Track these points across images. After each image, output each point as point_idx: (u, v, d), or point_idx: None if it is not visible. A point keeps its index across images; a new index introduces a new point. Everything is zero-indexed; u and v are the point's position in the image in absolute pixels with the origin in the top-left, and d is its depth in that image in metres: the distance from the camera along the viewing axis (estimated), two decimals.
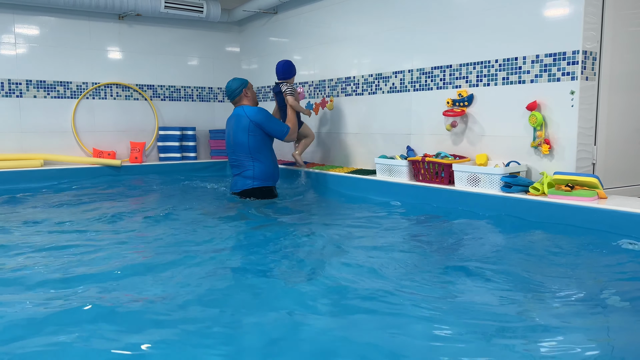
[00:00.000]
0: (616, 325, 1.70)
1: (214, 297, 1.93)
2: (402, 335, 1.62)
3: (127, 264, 2.32)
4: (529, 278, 2.11)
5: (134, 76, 5.78)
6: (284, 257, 2.49)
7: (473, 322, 1.67)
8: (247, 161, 4.07)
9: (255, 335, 1.62)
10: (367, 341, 1.57)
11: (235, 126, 4.09)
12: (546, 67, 3.20)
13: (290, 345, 1.56)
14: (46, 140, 5.32)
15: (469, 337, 1.57)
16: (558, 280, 2.09)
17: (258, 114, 4.06)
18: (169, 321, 1.70)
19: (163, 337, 1.59)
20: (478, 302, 1.85)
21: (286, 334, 1.62)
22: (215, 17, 5.83)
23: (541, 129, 3.22)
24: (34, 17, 5.19)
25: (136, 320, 1.70)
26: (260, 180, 4.08)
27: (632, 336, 1.61)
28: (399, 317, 1.74)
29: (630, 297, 1.88)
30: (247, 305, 1.86)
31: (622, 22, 3.22)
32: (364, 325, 1.68)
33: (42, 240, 2.77)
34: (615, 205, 2.69)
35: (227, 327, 1.68)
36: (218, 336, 1.61)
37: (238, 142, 4.07)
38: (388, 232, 2.99)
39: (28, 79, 5.21)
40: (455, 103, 3.72)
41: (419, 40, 4.03)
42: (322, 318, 1.74)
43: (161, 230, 3.03)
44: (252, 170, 4.07)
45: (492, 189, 3.23)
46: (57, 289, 1.99)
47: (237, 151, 4.10)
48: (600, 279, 2.12)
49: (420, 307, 1.80)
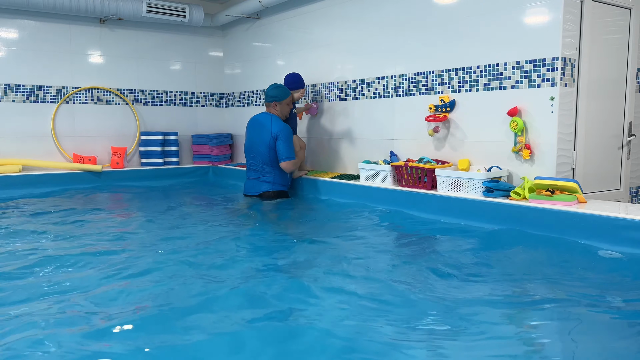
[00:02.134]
0: (594, 328, 1.72)
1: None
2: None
3: (111, 273, 2.29)
4: (510, 281, 2.13)
5: (116, 80, 5.72)
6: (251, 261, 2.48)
7: (452, 327, 1.68)
8: (268, 169, 4.29)
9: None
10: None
11: (258, 136, 4.30)
12: (526, 73, 3.24)
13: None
14: (25, 146, 5.23)
15: (445, 334, 1.58)
16: (537, 283, 2.11)
17: (280, 131, 4.21)
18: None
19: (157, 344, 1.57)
20: (462, 304, 1.86)
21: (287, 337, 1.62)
22: (198, 21, 5.81)
23: (522, 135, 3.26)
24: (13, 20, 5.11)
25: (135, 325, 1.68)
26: (279, 185, 4.32)
27: (601, 340, 1.63)
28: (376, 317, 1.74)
29: (612, 301, 1.91)
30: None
31: (600, 29, 3.28)
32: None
33: (22, 247, 2.72)
34: (595, 210, 2.73)
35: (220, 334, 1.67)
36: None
37: (259, 152, 4.28)
38: (370, 237, 3.00)
39: (6, 82, 5.12)
40: (437, 108, 3.75)
41: (401, 46, 4.06)
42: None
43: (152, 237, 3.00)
44: (272, 177, 4.29)
45: (474, 193, 3.26)
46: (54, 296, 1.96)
47: (257, 159, 4.30)
48: (578, 283, 2.14)
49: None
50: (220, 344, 1.57)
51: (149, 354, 1.50)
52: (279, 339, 1.61)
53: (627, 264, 2.34)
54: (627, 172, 3.59)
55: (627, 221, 2.54)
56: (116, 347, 1.54)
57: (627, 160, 3.58)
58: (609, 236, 2.59)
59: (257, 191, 4.32)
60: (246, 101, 6.03)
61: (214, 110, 6.42)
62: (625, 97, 3.52)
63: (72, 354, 1.49)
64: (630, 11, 3.45)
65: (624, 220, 2.55)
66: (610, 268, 2.32)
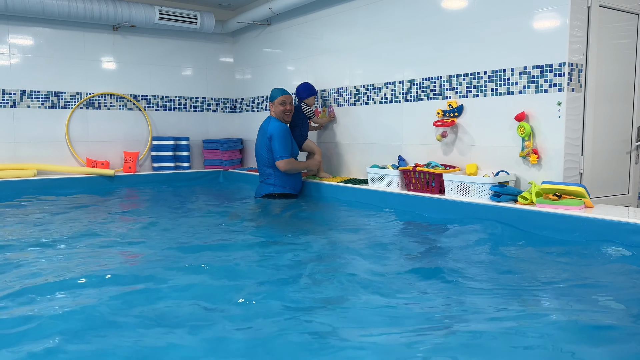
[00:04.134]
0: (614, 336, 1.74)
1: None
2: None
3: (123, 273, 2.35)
4: (518, 285, 2.15)
5: (128, 86, 5.82)
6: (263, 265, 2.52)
7: (465, 328, 1.71)
8: (269, 171, 4.42)
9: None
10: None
11: (259, 139, 4.47)
12: (534, 78, 3.26)
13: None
14: (40, 150, 5.34)
15: (459, 339, 1.61)
16: (543, 288, 2.13)
17: (275, 129, 4.32)
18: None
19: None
20: (468, 307, 1.89)
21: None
22: (209, 28, 5.89)
23: (529, 139, 3.28)
24: (29, 28, 5.22)
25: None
26: (280, 187, 4.40)
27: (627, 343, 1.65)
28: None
29: (620, 306, 1.93)
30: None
31: (607, 34, 3.29)
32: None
33: (35, 252, 2.79)
34: (602, 214, 2.74)
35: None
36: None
37: (260, 155, 4.44)
38: (378, 240, 3.02)
39: (22, 89, 5.23)
40: (445, 113, 3.78)
41: (410, 51, 4.09)
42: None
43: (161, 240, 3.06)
44: (273, 179, 4.40)
45: (481, 198, 3.28)
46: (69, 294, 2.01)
47: (260, 162, 4.47)
48: (585, 288, 2.16)
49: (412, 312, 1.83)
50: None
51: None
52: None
53: (636, 267, 2.35)
54: (636, 176, 3.59)
55: (636, 226, 2.55)
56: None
57: (635, 165, 3.58)
58: (615, 241, 2.60)
59: (262, 193, 4.46)
60: (256, 106, 6.09)
61: (224, 116, 6.49)
62: (634, 102, 3.52)
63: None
64: (638, 16, 3.45)
65: (632, 224, 2.56)
66: (620, 272, 2.33)
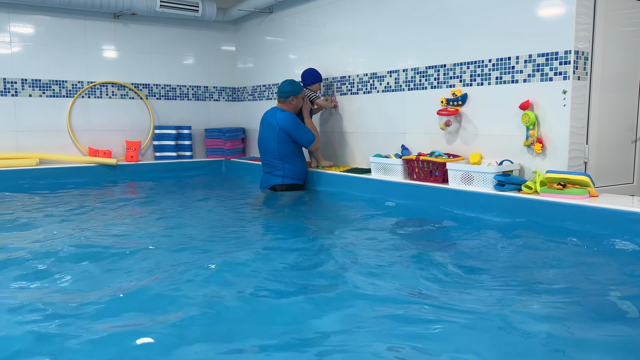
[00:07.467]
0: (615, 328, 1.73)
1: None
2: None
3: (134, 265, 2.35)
4: (523, 276, 2.15)
5: (130, 75, 5.79)
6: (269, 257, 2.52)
7: (470, 317, 1.70)
8: (277, 163, 4.38)
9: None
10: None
11: (266, 131, 4.41)
12: (539, 66, 3.23)
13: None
14: (42, 139, 5.32)
15: (470, 333, 1.61)
16: (548, 277, 2.12)
17: (287, 120, 4.30)
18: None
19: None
20: (467, 300, 1.88)
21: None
22: (210, 16, 5.84)
23: (534, 128, 3.25)
24: (30, 16, 5.19)
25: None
26: (290, 178, 4.40)
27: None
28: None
29: (624, 296, 1.92)
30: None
31: (613, 22, 3.25)
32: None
33: (40, 239, 2.79)
34: (606, 204, 2.72)
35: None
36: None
37: (269, 147, 4.38)
38: (381, 229, 3.02)
39: (23, 77, 5.21)
40: (449, 102, 3.75)
41: (413, 40, 4.06)
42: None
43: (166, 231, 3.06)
44: (282, 171, 4.39)
45: (485, 187, 3.27)
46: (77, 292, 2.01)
47: (268, 154, 4.41)
48: (590, 277, 2.15)
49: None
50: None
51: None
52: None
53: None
54: None
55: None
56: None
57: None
58: (620, 230, 2.59)
59: (270, 184, 4.44)
60: (258, 95, 6.06)
61: (226, 105, 6.47)
62: (639, 91, 3.49)
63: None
64: None
65: (637, 214, 2.54)
66: (624, 262, 2.32)
